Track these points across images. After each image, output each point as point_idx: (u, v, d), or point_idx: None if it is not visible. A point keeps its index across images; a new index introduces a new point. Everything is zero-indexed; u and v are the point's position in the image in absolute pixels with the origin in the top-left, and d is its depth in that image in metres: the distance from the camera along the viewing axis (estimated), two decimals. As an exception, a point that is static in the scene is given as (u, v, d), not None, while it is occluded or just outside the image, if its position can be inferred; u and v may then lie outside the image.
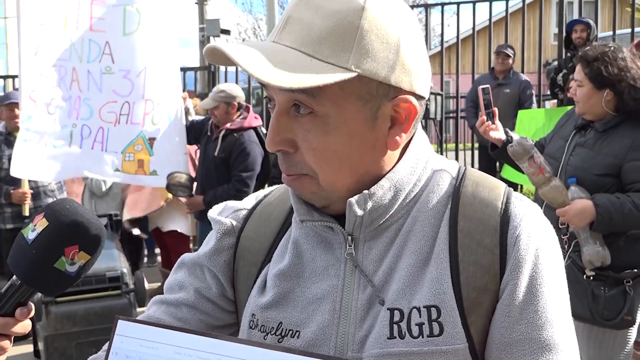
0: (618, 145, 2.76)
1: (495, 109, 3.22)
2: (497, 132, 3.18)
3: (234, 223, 1.15)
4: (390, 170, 1.00)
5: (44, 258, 0.97)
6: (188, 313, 1.13)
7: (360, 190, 0.99)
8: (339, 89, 0.91)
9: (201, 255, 1.16)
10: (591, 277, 2.75)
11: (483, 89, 3.26)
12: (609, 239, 2.76)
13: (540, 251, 0.98)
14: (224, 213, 1.18)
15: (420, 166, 1.03)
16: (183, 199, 5.43)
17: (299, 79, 0.87)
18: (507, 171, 5.38)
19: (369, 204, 0.98)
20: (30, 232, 0.98)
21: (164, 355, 0.91)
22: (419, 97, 0.99)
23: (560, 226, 2.79)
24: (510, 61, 7.36)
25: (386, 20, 0.93)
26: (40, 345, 4.33)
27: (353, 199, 0.98)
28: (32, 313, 1.03)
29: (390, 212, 1.01)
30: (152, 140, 5.30)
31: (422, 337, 0.95)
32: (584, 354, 2.78)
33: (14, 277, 1.00)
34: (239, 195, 4.91)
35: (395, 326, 0.96)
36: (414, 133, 1.04)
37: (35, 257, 0.97)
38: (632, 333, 2.85)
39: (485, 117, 3.20)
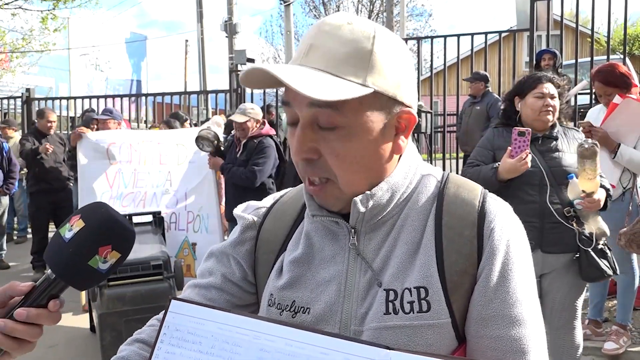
0: (574, 144, 3.07)
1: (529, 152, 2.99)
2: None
3: (255, 219, 1.16)
4: (388, 174, 1.02)
5: (80, 256, 0.91)
6: (216, 294, 1.13)
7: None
8: (359, 103, 0.93)
9: (227, 245, 1.17)
10: (603, 245, 3.00)
11: (521, 132, 2.97)
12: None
13: (510, 242, 0.99)
14: (247, 210, 1.19)
15: (412, 171, 1.05)
16: (207, 155, 5.61)
17: (334, 93, 0.89)
18: None
19: (370, 203, 1.00)
20: (67, 232, 0.92)
21: (208, 329, 0.91)
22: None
23: (567, 214, 2.97)
24: (479, 85, 7.44)
25: (391, 47, 0.97)
26: (95, 321, 4.33)
27: (357, 198, 0.99)
28: (63, 305, 0.96)
29: (388, 210, 1.02)
30: (194, 245, 5.84)
31: (413, 313, 0.96)
32: (571, 311, 3.07)
33: (49, 271, 0.94)
34: (246, 182, 5.12)
35: (390, 304, 0.97)
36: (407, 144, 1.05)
37: (71, 254, 0.91)
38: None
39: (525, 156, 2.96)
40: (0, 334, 0.91)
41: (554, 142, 3.09)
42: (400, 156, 1.04)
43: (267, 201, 1.20)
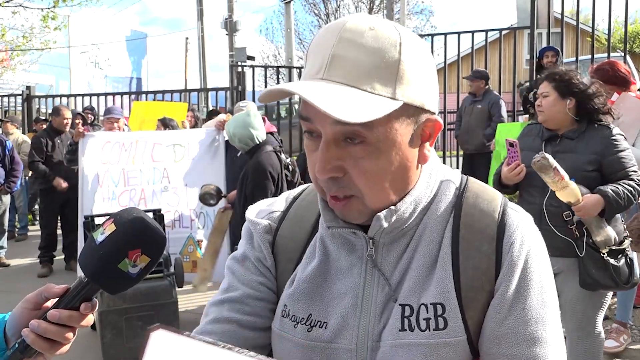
0: (594, 145, 2.95)
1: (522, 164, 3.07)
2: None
3: (270, 223, 1.09)
4: (412, 184, 0.97)
5: (109, 259, 0.92)
6: (255, 305, 1.04)
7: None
8: (387, 117, 0.87)
9: (246, 251, 1.09)
10: (606, 254, 2.88)
11: (511, 142, 3.11)
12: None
13: (529, 257, 0.95)
14: (260, 215, 1.11)
15: (432, 180, 1.00)
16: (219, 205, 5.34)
17: (366, 113, 0.83)
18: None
19: (394, 217, 0.95)
20: (100, 235, 0.93)
21: None
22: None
23: (566, 218, 2.91)
24: (480, 83, 7.33)
25: (417, 52, 0.91)
26: (96, 319, 4.34)
27: (381, 214, 0.94)
28: (96, 308, 0.98)
29: (409, 221, 0.97)
30: (200, 242, 5.73)
31: (429, 330, 0.92)
32: (579, 314, 3.02)
33: (82, 274, 0.96)
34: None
35: (406, 320, 0.94)
36: None
37: (101, 257, 0.92)
38: (609, 295, 3.09)
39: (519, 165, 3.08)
40: (34, 335, 0.94)
41: (570, 143, 3.01)
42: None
43: (280, 204, 1.13)
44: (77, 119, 7.31)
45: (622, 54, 7.93)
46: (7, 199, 7.45)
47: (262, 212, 1.12)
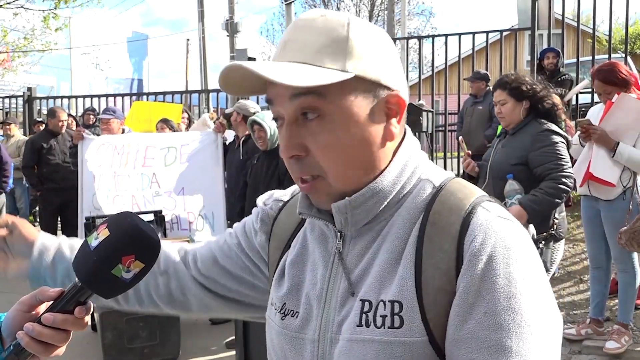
0: (523, 141, 3.32)
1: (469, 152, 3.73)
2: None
3: (271, 211, 1.15)
4: (374, 179, 0.96)
5: (103, 264, 0.92)
6: (230, 239, 1.20)
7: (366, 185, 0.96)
8: (340, 89, 0.90)
9: (243, 227, 1.21)
10: None
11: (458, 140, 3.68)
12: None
13: (493, 258, 0.87)
14: (268, 201, 1.18)
15: (405, 175, 0.98)
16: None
17: (314, 79, 0.87)
18: None
19: (350, 210, 0.95)
20: (94, 240, 0.94)
21: None
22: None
23: None
24: (480, 84, 7.33)
25: (368, 33, 0.95)
26: (96, 320, 4.35)
27: (335, 205, 0.95)
28: (90, 312, 0.98)
29: (373, 216, 0.97)
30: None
31: (384, 327, 0.90)
32: None
33: (77, 278, 0.96)
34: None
35: (363, 315, 0.93)
36: (402, 140, 1.00)
37: (95, 263, 0.92)
38: None
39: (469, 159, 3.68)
40: (29, 337, 0.94)
41: (510, 138, 3.41)
42: (396, 151, 0.98)
43: (287, 193, 1.17)
44: (70, 120, 7.29)
45: (623, 55, 7.93)
46: (2, 198, 7.41)
47: (270, 199, 1.18)
